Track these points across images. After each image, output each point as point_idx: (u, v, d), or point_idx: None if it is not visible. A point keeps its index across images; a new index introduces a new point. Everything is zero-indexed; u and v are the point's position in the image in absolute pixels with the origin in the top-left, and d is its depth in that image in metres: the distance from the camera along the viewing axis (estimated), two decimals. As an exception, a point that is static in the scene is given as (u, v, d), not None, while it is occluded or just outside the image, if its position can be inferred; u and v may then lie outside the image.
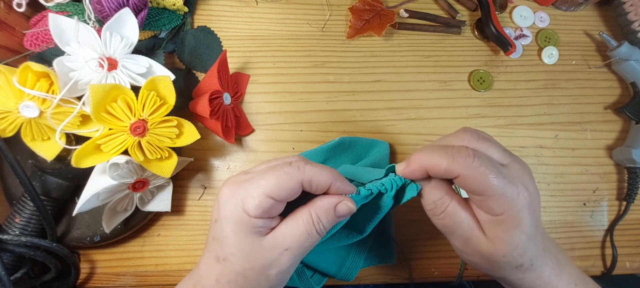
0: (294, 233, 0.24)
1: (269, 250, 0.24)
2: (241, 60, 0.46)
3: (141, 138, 0.32)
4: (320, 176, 0.24)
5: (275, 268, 0.24)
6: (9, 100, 0.30)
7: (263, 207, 0.23)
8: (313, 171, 0.24)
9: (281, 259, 0.24)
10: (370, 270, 0.42)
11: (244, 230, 0.23)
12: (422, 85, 0.47)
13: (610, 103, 0.49)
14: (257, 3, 0.48)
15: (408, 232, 0.43)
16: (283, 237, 0.24)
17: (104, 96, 0.31)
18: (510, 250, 0.25)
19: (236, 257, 0.24)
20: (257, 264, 0.24)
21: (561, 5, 0.52)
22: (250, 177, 0.24)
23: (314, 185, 0.25)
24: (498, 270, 0.27)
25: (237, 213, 0.23)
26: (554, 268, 0.27)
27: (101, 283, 0.40)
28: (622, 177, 0.47)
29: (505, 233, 0.25)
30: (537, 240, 0.26)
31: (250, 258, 0.24)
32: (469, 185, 0.24)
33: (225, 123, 0.40)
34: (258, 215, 0.23)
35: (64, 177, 0.36)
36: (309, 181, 0.24)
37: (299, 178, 0.24)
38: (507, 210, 0.24)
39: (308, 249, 0.25)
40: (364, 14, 0.47)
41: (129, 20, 0.34)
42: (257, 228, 0.24)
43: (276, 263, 0.24)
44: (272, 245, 0.24)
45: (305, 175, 0.24)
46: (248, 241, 0.23)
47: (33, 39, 0.41)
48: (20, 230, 0.35)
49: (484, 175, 0.24)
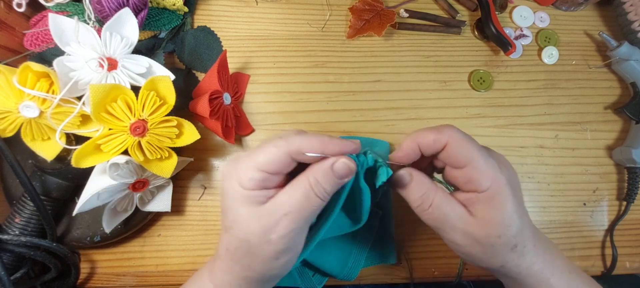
0: (292, 198, 0.25)
1: (267, 216, 0.24)
2: (241, 60, 0.46)
3: (141, 138, 0.32)
4: (309, 143, 0.25)
5: (275, 233, 0.24)
6: (9, 100, 0.30)
7: (255, 179, 0.24)
8: (301, 140, 0.25)
9: (281, 223, 0.24)
10: (370, 270, 0.42)
11: (243, 201, 0.25)
12: (422, 85, 0.47)
13: (610, 103, 0.49)
14: (257, 3, 0.48)
15: (408, 232, 0.43)
16: (281, 203, 0.25)
17: (104, 96, 0.31)
18: (503, 230, 0.25)
19: (238, 225, 0.25)
20: (258, 229, 0.24)
21: (561, 5, 0.52)
22: (246, 153, 0.26)
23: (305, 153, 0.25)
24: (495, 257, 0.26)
25: (234, 187, 0.25)
26: (547, 253, 0.27)
27: (101, 283, 0.40)
28: (622, 177, 0.47)
29: (495, 211, 0.25)
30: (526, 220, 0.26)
31: (250, 225, 0.25)
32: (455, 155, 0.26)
33: (225, 123, 0.40)
34: (252, 187, 0.25)
35: (64, 177, 0.35)
36: (297, 150, 0.25)
37: (286, 149, 0.25)
38: (493, 184, 0.25)
39: (310, 214, 0.25)
40: (364, 14, 0.47)
41: (129, 20, 0.34)
42: (255, 198, 0.25)
43: (276, 228, 0.24)
44: (270, 211, 0.25)
45: (293, 145, 0.25)
46: (248, 210, 0.25)
47: (33, 39, 0.41)
48: (20, 230, 0.34)
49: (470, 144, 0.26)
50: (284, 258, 0.26)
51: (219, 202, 0.42)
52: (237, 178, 0.25)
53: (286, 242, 0.25)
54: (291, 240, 0.25)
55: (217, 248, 0.28)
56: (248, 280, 0.27)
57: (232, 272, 0.27)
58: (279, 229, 0.24)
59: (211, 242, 0.42)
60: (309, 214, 0.25)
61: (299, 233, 0.26)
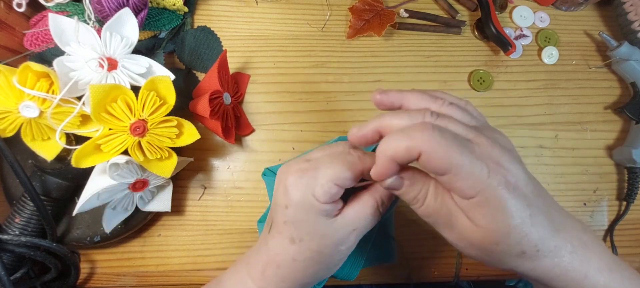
0: (361, 216, 0.27)
1: (339, 230, 0.26)
2: (241, 60, 0.46)
3: (141, 138, 0.32)
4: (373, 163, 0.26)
5: (345, 245, 0.27)
6: (9, 100, 0.30)
7: (331, 193, 0.25)
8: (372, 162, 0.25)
9: (350, 238, 0.27)
10: (370, 270, 0.42)
11: (315, 214, 0.26)
12: (422, 85, 0.47)
13: (610, 103, 0.49)
14: (257, 3, 0.48)
15: (408, 232, 0.43)
16: (351, 219, 0.27)
17: (104, 96, 0.31)
18: (501, 238, 0.22)
19: (312, 237, 0.26)
20: (331, 242, 0.27)
21: (561, 5, 0.52)
22: (313, 165, 0.26)
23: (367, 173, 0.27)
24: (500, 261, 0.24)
25: (307, 199, 0.25)
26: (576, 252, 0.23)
27: (101, 283, 0.40)
28: (622, 177, 0.47)
29: (489, 218, 0.22)
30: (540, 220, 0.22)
31: (324, 238, 0.26)
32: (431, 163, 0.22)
33: (226, 123, 0.40)
34: (326, 201, 0.26)
35: (64, 177, 0.36)
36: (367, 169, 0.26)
37: (361, 168, 0.26)
38: (481, 191, 0.22)
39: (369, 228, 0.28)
40: (364, 14, 0.47)
41: (129, 20, 0.35)
42: (326, 212, 0.26)
43: (346, 240, 0.27)
44: (342, 226, 0.26)
45: (366, 166, 0.26)
46: (321, 223, 0.26)
47: (33, 39, 0.41)
48: (20, 230, 0.35)
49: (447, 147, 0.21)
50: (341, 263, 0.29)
51: (219, 202, 0.42)
52: (311, 190, 0.25)
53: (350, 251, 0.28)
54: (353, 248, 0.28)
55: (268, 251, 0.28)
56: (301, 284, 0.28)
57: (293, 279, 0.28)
58: (347, 242, 0.27)
59: (211, 242, 0.42)
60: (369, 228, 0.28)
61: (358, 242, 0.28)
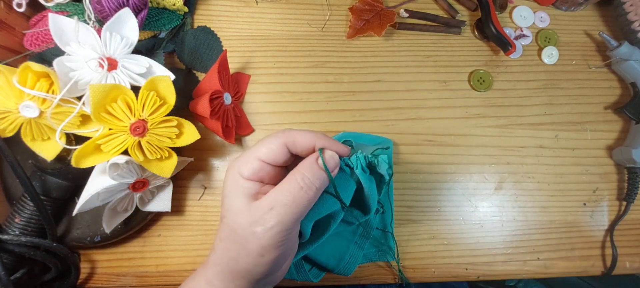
0: (279, 193, 0.26)
1: (256, 210, 0.26)
2: (241, 60, 0.46)
3: (141, 138, 0.32)
4: (303, 135, 0.27)
5: (260, 226, 0.25)
6: (9, 100, 0.30)
7: (254, 169, 0.27)
8: (296, 132, 0.27)
9: (266, 217, 0.25)
10: (370, 269, 0.42)
11: (238, 192, 0.27)
12: (422, 85, 0.47)
13: (610, 103, 0.49)
14: (257, 3, 0.48)
15: (408, 231, 0.43)
16: (268, 198, 0.26)
17: (104, 96, 0.31)
18: None
19: (230, 214, 0.27)
20: (245, 221, 0.26)
21: (561, 5, 0.52)
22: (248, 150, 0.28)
23: (299, 146, 0.27)
24: None
25: (234, 177, 0.27)
26: None
27: (101, 283, 0.40)
28: (622, 177, 0.47)
29: None
30: None
31: (239, 216, 0.26)
32: None
33: (226, 123, 0.40)
34: (250, 177, 0.27)
35: (64, 177, 0.35)
36: (293, 141, 0.27)
37: (283, 140, 0.27)
38: None
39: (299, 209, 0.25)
40: (364, 14, 0.47)
41: (129, 20, 0.34)
42: (250, 190, 0.27)
43: (261, 220, 0.25)
44: (258, 206, 0.26)
45: (289, 137, 0.27)
46: (240, 201, 0.26)
47: (33, 39, 0.41)
48: (20, 230, 0.34)
49: None
50: (269, 255, 0.26)
51: (219, 202, 0.42)
52: (238, 168, 0.27)
53: (271, 237, 0.25)
54: (276, 235, 0.25)
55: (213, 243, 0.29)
56: (235, 275, 0.27)
57: (222, 263, 0.27)
58: (263, 222, 0.25)
59: (211, 242, 0.42)
60: (297, 211, 0.25)
61: (286, 231, 0.25)
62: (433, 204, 0.44)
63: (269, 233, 0.25)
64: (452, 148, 0.46)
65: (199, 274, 0.29)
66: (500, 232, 0.44)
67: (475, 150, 0.46)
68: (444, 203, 0.44)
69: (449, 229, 0.43)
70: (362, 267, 0.42)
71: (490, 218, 0.44)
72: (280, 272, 0.30)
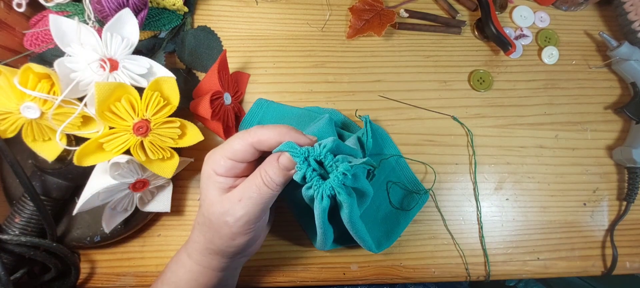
0: (246, 187, 0.29)
1: (226, 202, 0.29)
2: (241, 60, 0.46)
3: (144, 138, 0.32)
4: (270, 133, 0.29)
5: (231, 216, 0.28)
6: (10, 101, 0.30)
7: (225, 166, 0.29)
8: (262, 132, 0.29)
9: (235, 208, 0.28)
10: (370, 270, 0.42)
11: (212, 185, 0.30)
12: (422, 85, 0.47)
13: (610, 103, 0.49)
14: (257, 3, 0.48)
15: (408, 231, 0.43)
16: (237, 192, 0.29)
17: (108, 94, 0.31)
18: None
19: (205, 204, 0.30)
20: (217, 211, 0.29)
21: (561, 5, 0.52)
22: (222, 144, 0.30)
23: (265, 143, 0.29)
24: None
25: (208, 172, 0.30)
26: None
27: (101, 283, 0.40)
28: (622, 177, 0.47)
29: None
30: None
31: (213, 206, 0.29)
32: None
33: (226, 123, 0.40)
34: (222, 174, 0.29)
35: (64, 177, 0.36)
36: (260, 141, 0.29)
37: (249, 140, 0.29)
38: None
39: (263, 201, 0.29)
40: (364, 14, 0.47)
41: (129, 20, 0.34)
42: (222, 184, 0.29)
43: (231, 211, 0.28)
44: (228, 198, 0.29)
45: (255, 137, 0.29)
46: (213, 194, 0.29)
47: (33, 39, 0.41)
48: (20, 230, 0.35)
49: None
50: (240, 240, 0.30)
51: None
52: (212, 164, 0.30)
53: (240, 226, 0.29)
54: (245, 224, 0.29)
55: None
56: (211, 251, 0.31)
57: (199, 241, 0.31)
58: (233, 212, 0.28)
59: (211, 242, 0.42)
60: (261, 202, 0.29)
61: (253, 220, 0.29)
62: (433, 204, 0.44)
63: (238, 223, 0.29)
64: (452, 148, 0.46)
65: (182, 251, 0.33)
66: (500, 232, 0.44)
67: (475, 150, 0.46)
68: (444, 203, 0.44)
69: (449, 229, 0.43)
70: (363, 267, 0.42)
71: (490, 218, 0.44)
72: (253, 248, 0.34)
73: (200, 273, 0.32)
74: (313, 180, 0.29)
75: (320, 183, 0.29)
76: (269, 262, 0.41)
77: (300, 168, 0.28)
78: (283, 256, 0.42)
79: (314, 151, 0.28)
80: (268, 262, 0.41)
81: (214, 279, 0.32)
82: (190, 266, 0.32)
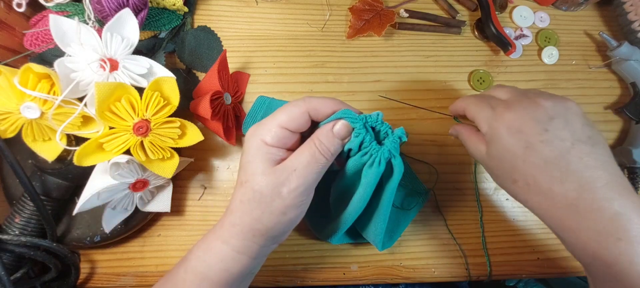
0: (300, 157, 0.28)
1: (280, 172, 0.28)
2: (241, 60, 0.46)
3: (144, 138, 0.32)
4: (324, 103, 0.29)
5: (286, 187, 0.28)
6: (11, 101, 0.30)
7: (278, 136, 0.28)
8: (317, 100, 0.29)
9: (290, 178, 0.28)
10: (370, 270, 0.42)
11: (262, 157, 0.28)
12: (422, 86, 0.47)
13: (610, 103, 0.49)
14: (257, 3, 0.48)
15: (408, 231, 0.43)
16: (291, 162, 0.28)
17: (109, 94, 0.31)
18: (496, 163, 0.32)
19: (254, 177, 0.28)
20: (271, 182, 0.28)
21: (561, 5, 0.52)
22: (269, 116, 0.29)
23: (321, 112, 0.29)
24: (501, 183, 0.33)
25: (257, 144, 0.28)
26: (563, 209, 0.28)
27: (101, 283, 0.40)
28: (622, 177, 0.47)
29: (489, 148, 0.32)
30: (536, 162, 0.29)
31: (265, 178, 0.28)
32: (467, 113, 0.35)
33: (226, 123, 0.40)
34: (273, 144, 0.28)
35: (64, 177, 0.36)
36: (315, 108, 0.29)
37: (305, 107, 0.29)
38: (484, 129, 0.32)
39: (318, 171, 0.28)
40: (364, 14, 0.47)
41: (130, 20, 0.34)
42: (272, 155, 0.28)
43: (286, 182, 0.28)
44: (283, 168, 0.28)
45: (311, 104, 0.29)
46: (264, 166, 0.28)
47: (33, 39, 0.41)
48: (20, 230, 0.35)
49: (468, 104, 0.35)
50: (291, 214, 0.29)
51: (219, 202, 0.42)
52: (260, 135, 0.28)
53: (294, 197, 0.28)
54: (299, 195, 0.28)
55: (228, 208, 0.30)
56: (255, 233, 0.29)
57: (242, 223, 0.29)
58: (288, 183, 0.27)
59: (211, 242, 0.42)
60: (315, 172, 0.28)
61: (306, 191, 0.28)
62: (433, 204, 0.44)
63: (293, 194, 0.28)
64: (452, 148, 0.46)
65: (211, 238, 0.30)
66: (501, 232, 0.44)
67: (475, 150, 0.46)
68: (445, 203, 0.44)
69: (450, 229, 0.43)
70: (363, 267, 0.42)
71: (491, 219, 0.44)
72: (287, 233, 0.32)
73: (235, 261, 0.29)
74: (372, 146, 0.29)
75: (378, 148, 0.29)
76: (269, 262, 0.41)
77: (358, 134, 0.29)
78: (283, 256, 0.42)
79: (371, 118, 0.30)
80: (268, 262, 0.41)
81: (246, 268, 0.30)
82: (226, 253, 0.29)
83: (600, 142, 0.29)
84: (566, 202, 0.28)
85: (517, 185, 0.30)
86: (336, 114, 0.29)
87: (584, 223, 0.27)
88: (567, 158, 0.28)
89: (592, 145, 0.28)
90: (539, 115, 0.29)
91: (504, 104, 0.32)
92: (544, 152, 0.28)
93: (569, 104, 0.30)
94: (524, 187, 0.30)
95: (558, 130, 0.28)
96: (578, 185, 0.27)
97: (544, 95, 0.31)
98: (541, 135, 0.29)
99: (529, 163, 0.29)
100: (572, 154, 0.28)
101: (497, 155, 0.31)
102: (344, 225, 0.35)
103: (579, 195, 0.27)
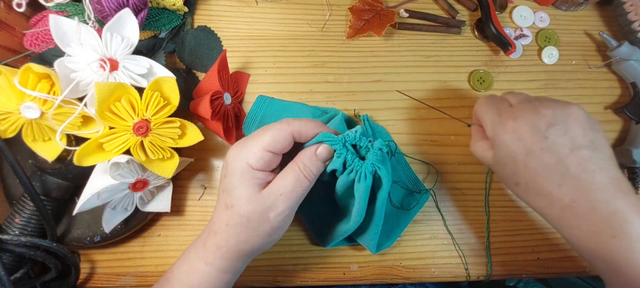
0: (285, 181, 0.29)
1: (267, 197, 0.28)
2: (241, 60, 0.46)
3: (144, 138, 0.32)
4: (307, 125, 0.30)
5: (273, 211, 0.29)
6: (11, 101, 0.30)
7: (263, 159, 0.29)
8: (300, 123, 0.30)
9: (277, 203, 0.28)
10: (370, 270, 0.42)
11: (247, 181, 0.28)
12: (422, 86, 0.47)
13: (610, 103, 0.49)
14: (257, 3, 0.48)
15: (408, 231, 0.43)
16: (277, 186, 0.29)
17: (109, 94, 0.31)
18: (501, 168, 0.33)
19: (241, 202, 0.28)
20: (259, 208, 0.28)
21: (561, 5, 0.52)
22: (251, 137, 0.30)
23: (303, 135, 0.30)
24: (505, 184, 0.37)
25: (242, 166, 0.29)
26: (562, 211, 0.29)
27: (101, 283, 0.40)
28: (622, 177, 0.47)
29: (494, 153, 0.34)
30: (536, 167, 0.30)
31: (252, 204, 0.28)
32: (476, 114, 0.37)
33: (226, 123, 0.40)
34: (259, 168, 0.29)
35: (64, 177, 0.36)
36: (298, 131, 0.30)
37: (289, 130, 0.29)
38: (489, 133, 0.34)
39: (302, 193, 0.29)
40: (364, 14, 0.47)
41: (130, 20, 0.34)
42: (258, 180, 0.29)
43: (273, 206, 0.28)
44: (269, 193, 0.29)
45: (294, 127, 0.29)
46: (251, 191, 0.28)
47: (33, 39, 0.41)
48: (20, 230, 0.35)
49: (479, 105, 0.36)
50: (276, 235, 0.30)
51: (219, 202, 0.42)
52: (246, 158, 0.28)
53: (281, 220, 0.29)
54: (285, 218, 0.29)
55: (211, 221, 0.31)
56: (240, 254, 0.30)
57: (228, 246, 0.30)
58: (275, 207, 0.28)
59: (211, 242, 0.42)
60: (299, 195, 0.29)
61: (291, 213, 0.30)
62: (433, 204, 0.44)
63: (279, 217, 0.29)
64: (452, 148, 0.46)
65: (194, 259, 0.31)
66: (501, 232, 0.44)
67: (475, 150, 0.46)
68: (445, 203, 0.44)
69: (449, 229, 0.43)
70: (363, 267, 0.42)
71: (491, 218, 0.44)
72: None
73: (218, 280, 0.30)
74: (354, 162, 0.30)
75: (361, 163, 0.30)
76: (269, 262, 0.41)
77: (340, 155, 0.30)
78: (283, 256, 0.42)
79: (349, 136, 0.31)
80: (268, 262, 0.41)
81: (228, 284, 0.32)
82: (210, 274, 0.30)
83: (602, 145, 0.29)
84: (564, 204, 0.29)
85: (520, 188, 0.32)
86: (317, 137, 0.30)
87: (582, 224, 0.28)
88: (565, 164, 0.29)
89: (592, 150, 0.29)
90: (539, 124, 0.30)
91: (509, 111, 0.33)
92: (544, 158, 0.30)
93: (571, 110, 0.31)
94: (525, 189, 0.32)
95: (557, 137, 0.30)
96: (575, 188, 0.28)
97: (546, 103, 0.32)
98: (541, 143, 0.30)
99: (529, 169, 0.30)
100: (570, 159, 0.29)
101: (501, 160, 0.33)
102: (343, 235, 0.36)
103: (576, 197, 0.28)
